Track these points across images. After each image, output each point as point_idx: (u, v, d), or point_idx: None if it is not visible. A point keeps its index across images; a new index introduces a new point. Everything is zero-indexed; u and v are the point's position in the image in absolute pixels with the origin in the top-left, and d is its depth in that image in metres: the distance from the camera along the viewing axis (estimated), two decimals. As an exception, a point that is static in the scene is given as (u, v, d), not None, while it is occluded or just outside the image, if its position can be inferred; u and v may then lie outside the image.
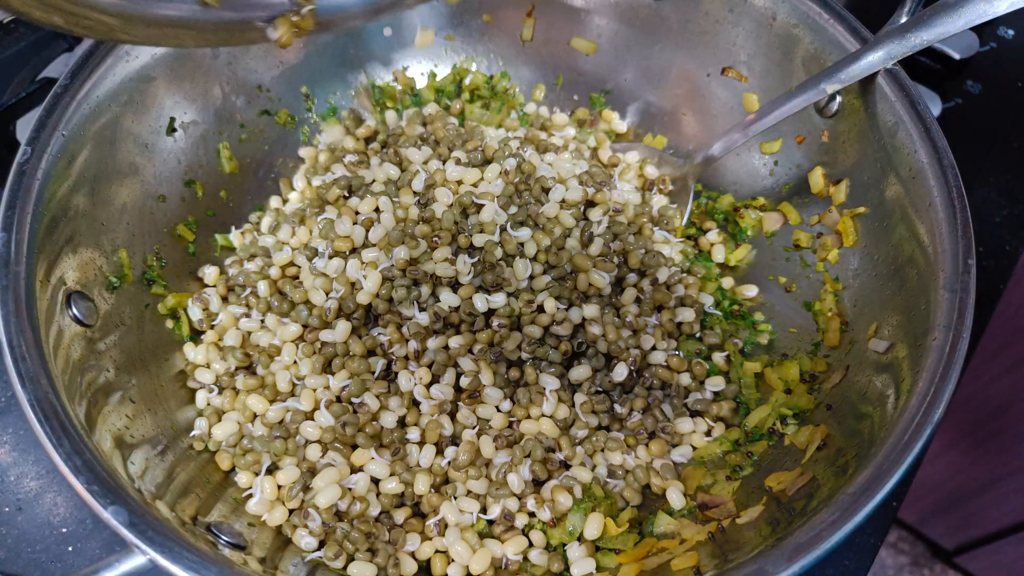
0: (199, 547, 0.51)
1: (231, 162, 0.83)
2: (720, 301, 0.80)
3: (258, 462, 0.67)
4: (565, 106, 0.95)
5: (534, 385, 0.70)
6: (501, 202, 0.73)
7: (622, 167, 0.87)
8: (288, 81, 0.87)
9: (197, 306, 0.75)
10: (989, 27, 1.11)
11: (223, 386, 0.72)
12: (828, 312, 0.73)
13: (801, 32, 0.75)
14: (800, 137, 0.79)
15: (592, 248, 0.74)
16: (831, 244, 0.75)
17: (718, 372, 0.75)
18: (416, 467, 0.68)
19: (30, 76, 0.92)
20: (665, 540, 0.63)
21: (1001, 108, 1.04)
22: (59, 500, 0.73)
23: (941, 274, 0.59)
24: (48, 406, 0.52)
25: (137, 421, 0.63)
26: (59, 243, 0.62)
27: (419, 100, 0.93)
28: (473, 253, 0.73)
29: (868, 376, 0.64)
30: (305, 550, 0.62)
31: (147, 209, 0.74)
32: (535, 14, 0.90)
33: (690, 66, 0.87)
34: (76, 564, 0.70)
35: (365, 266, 0.72)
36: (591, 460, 0.71)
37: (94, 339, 0.63)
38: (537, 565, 0.64)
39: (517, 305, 0.71)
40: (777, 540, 0.51)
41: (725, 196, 0.86)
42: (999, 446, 1.43)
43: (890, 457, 0.51)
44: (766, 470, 0.66)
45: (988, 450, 1.45)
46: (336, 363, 0.70)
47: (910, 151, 0.65)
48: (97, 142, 0.67)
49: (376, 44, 0.91)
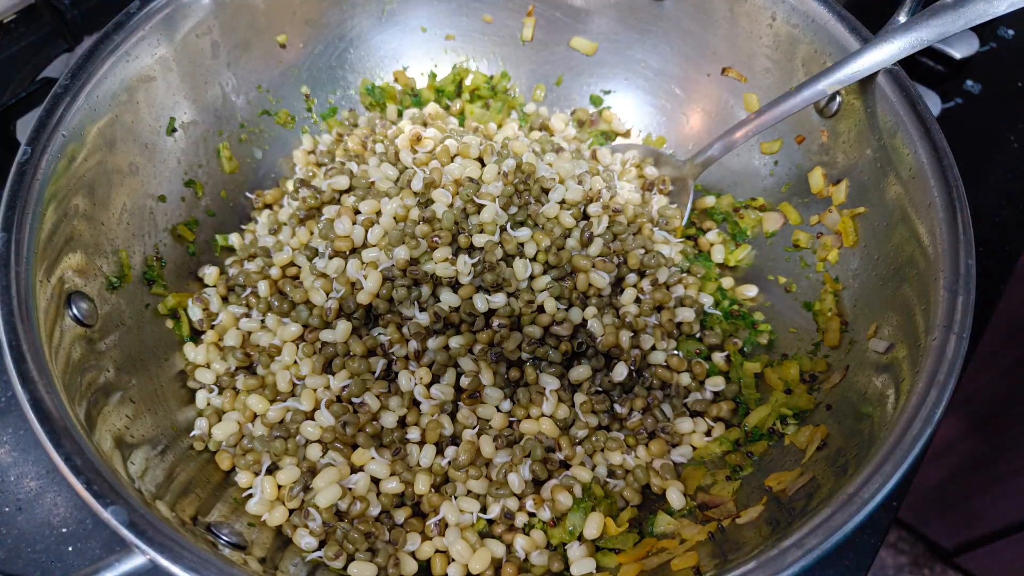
0: (199, 547, 0.50)
1: (231, 162, 0.83)
2: (720, 301, 0.80)
3: (258, 462, 0.67)
4: (565, 106, 0.95)
5: (534, 385, 0.70)
6: (501, 202, 0.73)
7: (622, 167, 0.87)
8: (288, 81, 0.87)
9: (197, 306, 0.75)
10: (989, 27, 1.11)
11: (223, 386, 0.72)
12: (828, 312, 0.73)
13: (801, 32, 0.75)
14: (800, 137, 0.79)
15: (592, 248, 0.74)
16: (831, 244, 0.75)
17: (718, 372, 0.75)
18: (416, 467, 0.68)
19: (30, 76, 0.93)
20: (665, 540, 0.63)
21: (1001, 108, 1.04)
22: (59, 500, 0.73)
23: (941, 274, 0.59)
24: (48, 406, 0.52)
25: (137, 421, 0.63)
26: (59, 243, 0.62)
27: (419, 100, 0.93)
28: (473, 253, 0.73)
29: (868, 376, 0.64)
30: (305, 550, 0.62)
31: (147, 209, 0.74)
32: (535, 14, 0.90)
33: (690, 66, 0.87)
34: (76, 564, 0.70)
35: (365, 266, 0.72)
36: (591, 460, 0.71)
37: (94, 339, 0.63)
38: (537, 565, 0.64)
39: (517, 305, 0.71)
40: (777, 540, 0.51)
41: (725, 196, 0.86)
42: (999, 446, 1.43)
43: (890, 457, 0.51)
44: (766, 470, 0.66)
45: (988, 450, 1.45)
46: (336, 363, 0.70)
47: (910, 151, 0.65)
48: (97, 142, 0.67)
49: (376, 44, 0.91)
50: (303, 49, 0.87)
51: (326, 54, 0.88)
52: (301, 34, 0.86)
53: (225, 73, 0.81)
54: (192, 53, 0.77)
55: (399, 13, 0.90)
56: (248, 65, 0.83)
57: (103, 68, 0.68)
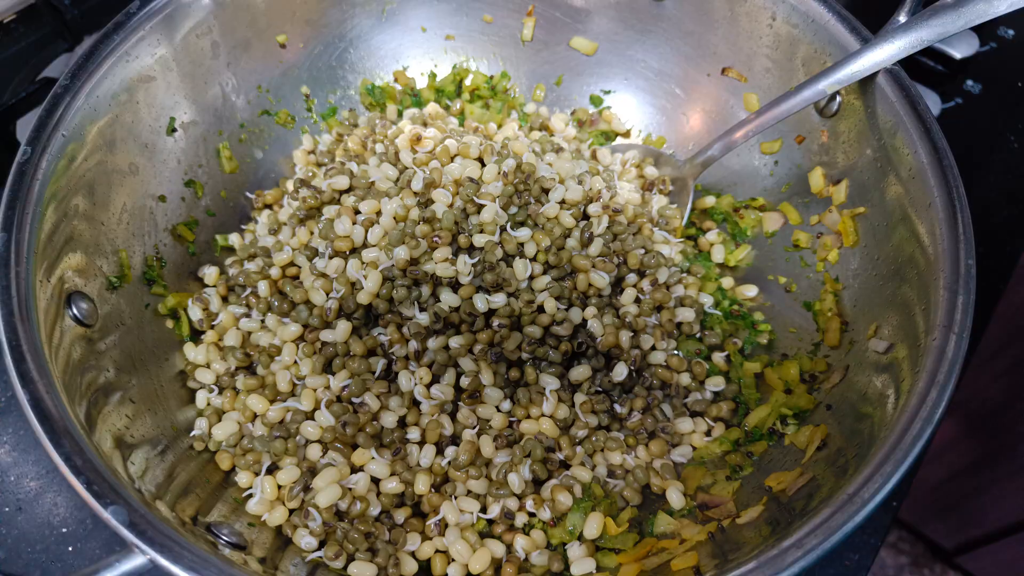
0: (199, 547, 0.50)
1: (231, 162, 0.83)
2: (720, 301, 0.80)
3: (258, 462, 0.67)
4: (565, 106, 0.95)
5: (534, 385, 0.70)
6: (501, 202, 0.73)
7: (622, 167, 0.87)
8: (288, 81, 0.87)
9: (197, 306, 0.75)
10: (989, 27, 1.11)
11: (223, 386, 0.72)
12: (828, 312, 0.73)
13: (801, 32, 0.75)
14: (800, 137, 0.79)
15: (592, 248, 0.74)
16: (831, 244, 0.75)
17: (718, 372, 0.75)
18: (416, 467, 0.68)
19: (30, 76, 0.92)
20: (665, 540, 0.63)
21: (1001, 108, 1.04)
22: (59, 500, 0.73)
23: (941, 274, 0.59)
24: (48, 406, 0.52)
25: (137, 421, 0.63)
26: (59, 243, 0.62)
27: (419, 100, 0.93)
28: (473, 253, 0.73)
29: (868, 376, 0.64)
30: (305, 550, 0.62)
31: (147, 209, 0.74)
32: (535, 14, 0.90)
33: (690, 66, 0.87)
34: (76, 564, 0.70)
35: (365, 266, 0.72)
36: (591, 460, 0.71)
37: (94, 339, 0.63)
38: (537, 565, 0.64)
39: (517, 305, 0.71)
40: (777, 540, 0.51)
41: (725, 196, 0.86)
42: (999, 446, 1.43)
43: (890, 457, 0.51)
44: (766, 470, 0.66)
45: (988, 450, 1.45)
46: (336, 363, 0.70)
47: (910, 151, 0.65)
48: (97, 142, 0.68)
49: (376, 44, 0.91)
50: (303, 49, 0.87)
51: (326, 54, 0.88)
52: (301, 34, 0.86)
53: (225, 73, 0.81)
54: (192, 53, 0.77)
55: (399, 13, 0.90)
56: (248, 65, 0.83)
57: (103, 68, 0.68)
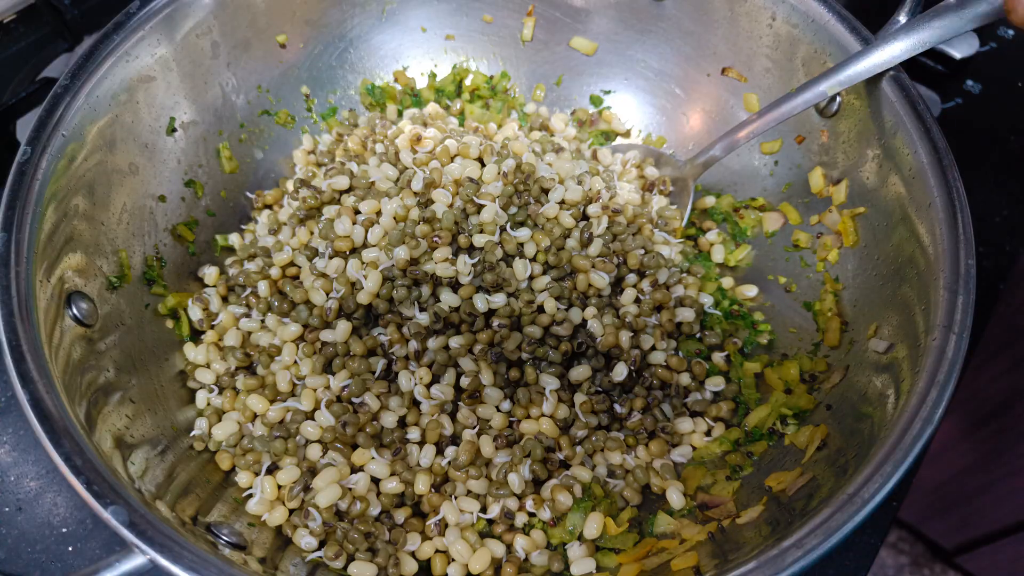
0: (199, 547, 0.51)
1: (231, 162, 0.83)
2: (720, 301, 0.80)
3: (258, 462, 0.67)
4: (565, 106, 0.95)
5: (534, 385, 0.70)
6: (501, 202, 0.73)
7: (622, 167, 0.87)
8: (288, 81, 0.87)
9: (197, 306, 0.75)
10: (989, 27, 1.11)
11: (223, 386, 0.72)
12: (828, 312, 0.73)
13: (801, 32, 0.75)
14: (800, 137, 0.79)
15: (592, 248, 0.74)
16: (831, 244, 0.75)
17: (718, 372, 0.75)
18: (416, 467, 0.68)
19: (30, 76, 0.92)
20: (665, 540, 0.63)
21: (1001, 108, 1.04)
22: (59, 500, 0.73)
23: (941, 274, 0.59)
24: (48, 406, 0.52)
25: (137, 421, 0.63)
26: (59, 243, 0.62)
27: (419, 100, 0.93)
28: (473, 253, 0.73)
29: (868, 376, 0.64)
30: (305, 550, 0.62)
31: (147, 209, 0.74)
32: (535, 14, 0.90)
33: (690, 66, 0.87)
34: (76, 564, 0.70)
35: (365, 266, 0.72)
36: (591, 460, 0.71)
37: (94, 339, 0.63)
38: (537, 565, 0.64)
39: (517, 305, 0.71)
40: (777, 540, 0.51)
41: (725, 196, 0.86)
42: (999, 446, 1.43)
43: (890, 457, 0.51)
44: (766, 470, 0.66)
45: (988, 450, 1.45)
46: (336, 363, 0.70)
47: (910, 151, 0.65)
48: (97, 142, 0.68)
49: (376, 44, 0.91)
50: (303, 49, 0.87)
51: (326, 54, 0.88)
52: (301, 34, 0.86)
53: (225, 73, 0.81)
54: (192, 53, 0.77)
55: (399, 13, 0.90)
56: (248, 65, 0.83)
57: (103, 68, 0.68)
